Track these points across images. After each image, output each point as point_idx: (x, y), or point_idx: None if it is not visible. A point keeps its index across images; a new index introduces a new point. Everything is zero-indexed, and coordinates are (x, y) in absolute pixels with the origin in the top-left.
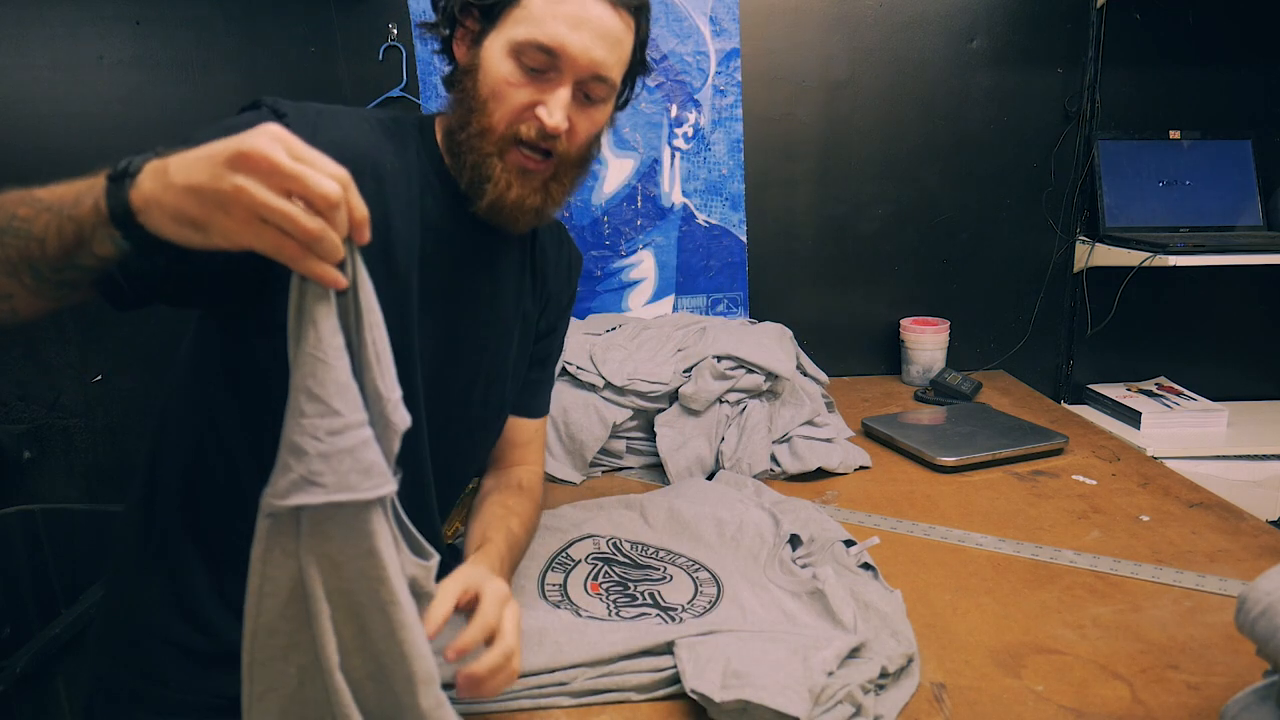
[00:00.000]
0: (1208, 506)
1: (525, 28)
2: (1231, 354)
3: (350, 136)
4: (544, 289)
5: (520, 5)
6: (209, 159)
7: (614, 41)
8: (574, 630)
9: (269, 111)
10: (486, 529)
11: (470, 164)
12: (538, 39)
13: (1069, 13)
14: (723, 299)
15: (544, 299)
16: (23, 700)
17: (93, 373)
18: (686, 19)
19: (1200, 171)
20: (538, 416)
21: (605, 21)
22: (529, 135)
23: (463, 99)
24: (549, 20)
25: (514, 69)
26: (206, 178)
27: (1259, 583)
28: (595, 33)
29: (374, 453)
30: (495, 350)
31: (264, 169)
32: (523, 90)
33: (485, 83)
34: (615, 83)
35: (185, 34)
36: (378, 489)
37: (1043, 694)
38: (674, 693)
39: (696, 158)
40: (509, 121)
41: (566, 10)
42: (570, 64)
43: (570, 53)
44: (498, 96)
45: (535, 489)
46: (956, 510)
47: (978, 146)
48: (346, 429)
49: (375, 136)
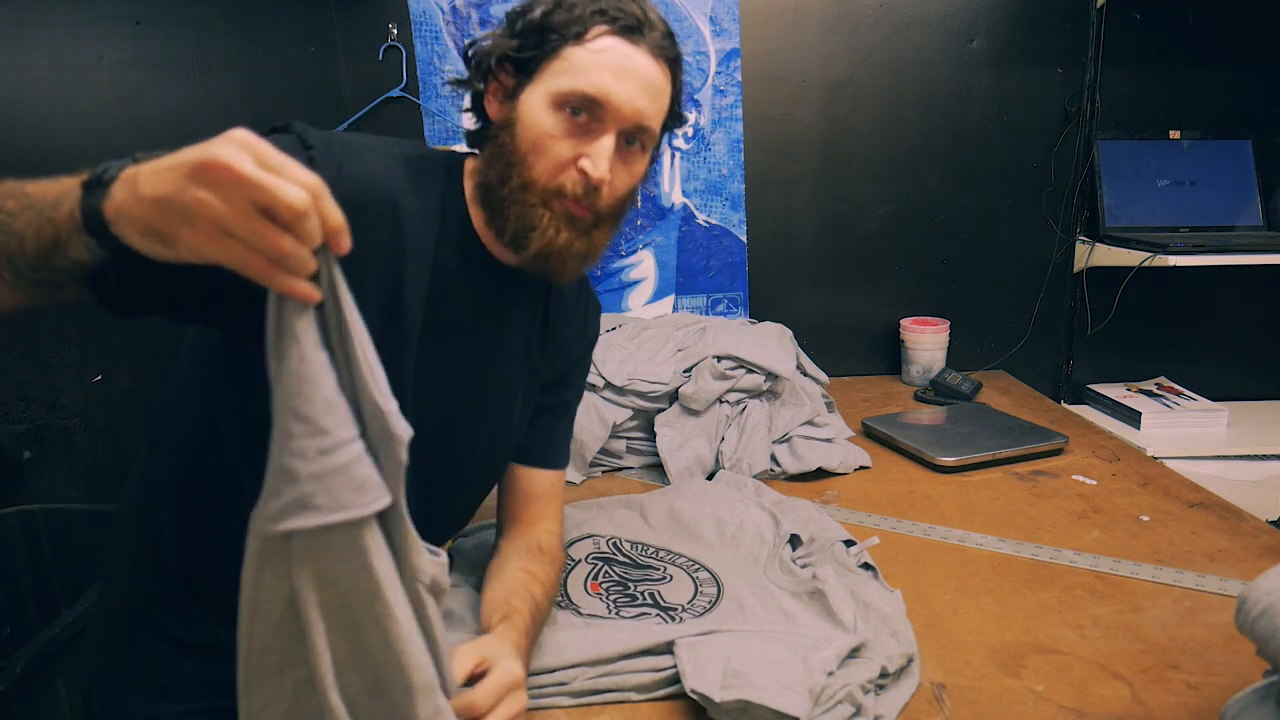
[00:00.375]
0: (1208, 506)
1: (568, 79)
2: (1231, 354)
3: (374, 174)
4: (555, 340)
5: (560, 57)
6: (174, 169)
7: (656, 91)
8: (574, 630)
9: (297, 139)
10: (510, 595)
11: (514, 215)
12: (582, 89)
13: (1069, 13)
14: (723, 299)
15: (554, 349)
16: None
17: (92, 373)
18: (686, 19)
19: (1200, 171)
20: (555, 468)
21: (648, 72)
22: (574, 189)
23: (500, 153)
24: (592, 70)
25: (556, 121)
26: (171, 189)
27: (1259, 583)
28: (639, 83)
29: (367, 467)
30: (499, 403)
31: (228, 179)
32: (565, 143)
33: (525, 136)
34: (656, 133)
35: (185, 34)
36: (373, 504)
37: (1043, 694)
38: (674, 693)
39: (696, 157)
40: (551, 174)
41: (610, 60)
42: (614, 114)
43: (614, 103)
44: (539, 150)
45: (556, 552)
46: (956, 510)
47: (978, 146)
48: (337, 446)
49: (399, 176)
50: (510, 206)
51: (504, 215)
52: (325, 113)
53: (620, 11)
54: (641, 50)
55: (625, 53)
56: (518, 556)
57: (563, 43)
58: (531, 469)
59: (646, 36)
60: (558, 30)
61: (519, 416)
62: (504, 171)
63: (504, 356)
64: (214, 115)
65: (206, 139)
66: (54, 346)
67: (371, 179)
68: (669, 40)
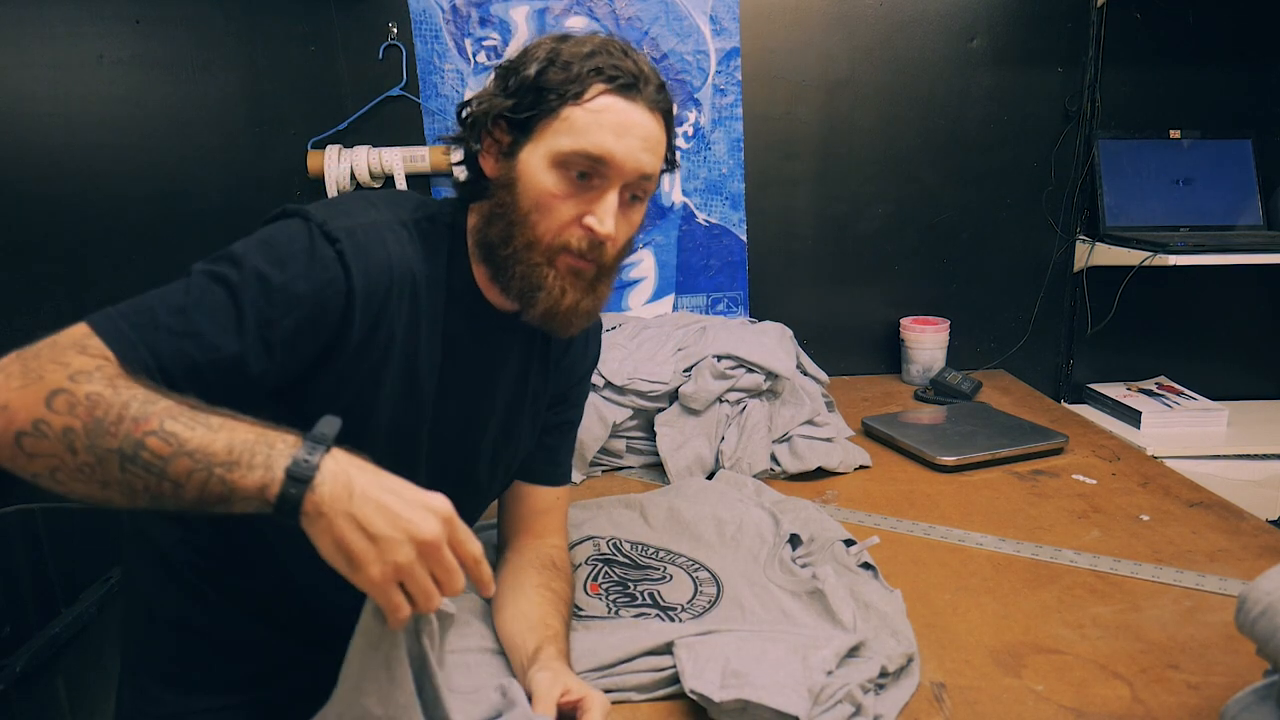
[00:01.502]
0: (1208, 506)
1: (569, 139)
2: (1231, 354)
3: (393, 255)
4: (556, 364)
5: (560, 118)
6: (392, 520)
7: (654, 144)
8: (574, 633)
9: (318, 230)
10: (545, 616)
11: (519, 274)
12: (585, 149)
13: (1069, 12)
14: (723, 298)
15: (553, 369)
16: (23, 699)
17: None
18: (686, 18)
19: (1200, 171)
20: (559, 485)
21: (646, 126)
22: (579, 246)
23: (502, 213)
24: (594, 130)
25: (558, 180)
26: (386, 534)
27: (1259, 583)
28: (639, 139)
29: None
30: (504, 435)
31: (432, 559)
32: (568, 202)
33: (527, 195)
34: (655, 182)
35: (185, 33)
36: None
37: (1043, 694)
38: (674, 692)
39: (697, 157)
40: (556, 233)
41: (610, 120)
42: (618, 171)
43: (618, 161)
44: (542, 209)
45: (567, 566)
46: (956, 510)
47: (978, 146)
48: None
49: (412, 249)
50: (514, 266)
51: (508, 274)
52: (325, 111)
53: (617, 70)
54: (639, 106)
55: (624, 110)
56: (536, 572)
57: (561, 103)
58: (538, 486)
59: (643, 92)
60: (555, 90)
61: (526, 441)
62: (506, 231)
63: (506, 393)
64: (214, 114)
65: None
66: None
67: (394, 260)
68: (662, 93)
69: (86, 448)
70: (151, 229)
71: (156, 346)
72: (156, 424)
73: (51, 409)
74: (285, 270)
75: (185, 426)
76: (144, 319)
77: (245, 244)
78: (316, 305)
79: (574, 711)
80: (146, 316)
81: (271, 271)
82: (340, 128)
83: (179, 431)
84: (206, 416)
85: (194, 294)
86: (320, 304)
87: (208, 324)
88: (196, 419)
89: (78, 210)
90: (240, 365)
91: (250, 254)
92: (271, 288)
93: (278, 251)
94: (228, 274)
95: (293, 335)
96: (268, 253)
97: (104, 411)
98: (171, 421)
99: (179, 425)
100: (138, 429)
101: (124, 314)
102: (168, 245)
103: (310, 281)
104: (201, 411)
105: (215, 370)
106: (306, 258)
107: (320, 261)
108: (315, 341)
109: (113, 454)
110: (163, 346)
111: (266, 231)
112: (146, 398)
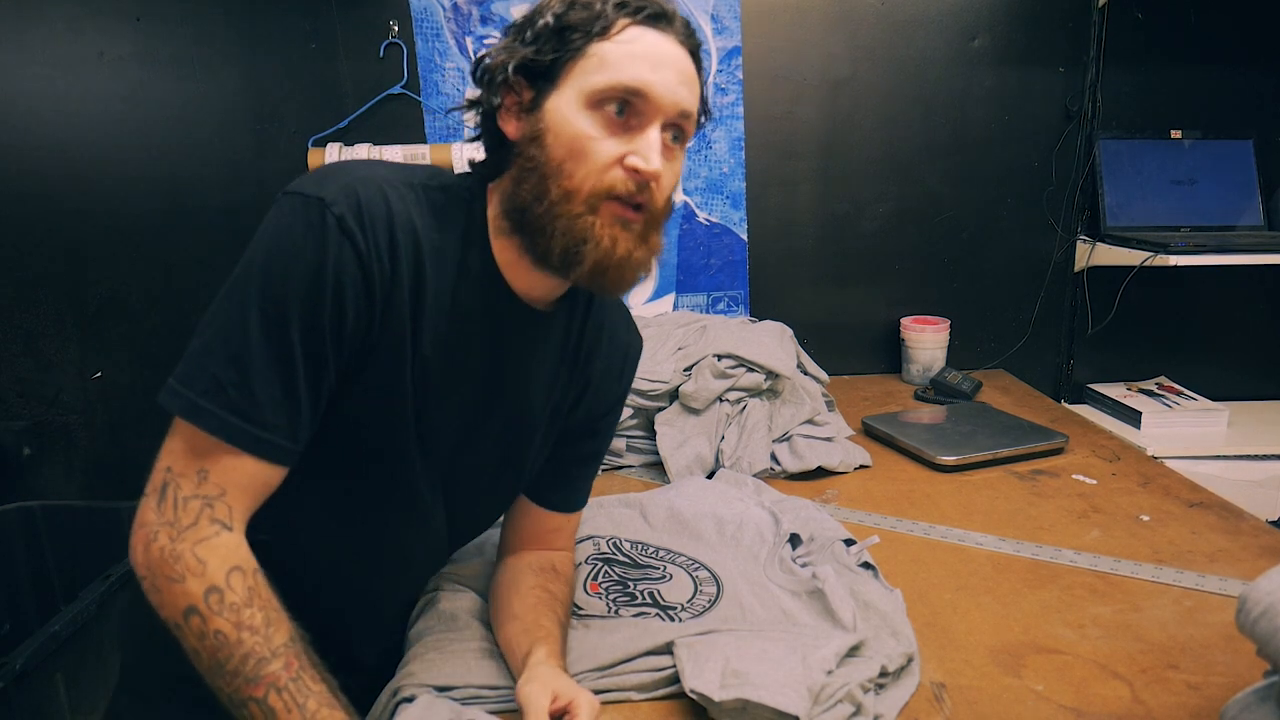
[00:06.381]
0: (1208, 506)
1: (603, 75)
2: (1231, 354)
3: (396, 210)
4: (582, 377)
5: (587, 55)
6: None
7: (690, 79)
8: (574, 633)
9: (318, 203)
10: (539, 616)
11: (560, 231)
12: (622, 82)
13: (1071, 12)
14: (723, 297)
15: (580, 388)
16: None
17: (93, 369)
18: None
19: (1201, 171)
20: (575, 511)
21: (682, 61)
22: (626, 189)
23: (531, 169)
24: (628, 63)
25: (593, 121)
26: None
27: (1259, 583)
28: (675, 71)
29: None
30: (516, 441)
31: None
32: (607, 143)
33: (559, 143)
34: (694, 122)
35: (186, 30)
36: None
37: (1043, 694)
38: (674, 692)
39: (697, 155)
40: (597, 178)
41: (643, 50)
42: (657, 105)
43: (657, 92)
44: (578, 155)
45: (569, 574)
46: (956, 510)
47: (979, 145)
48: None
49: (418, 210)
50: (554, 222)
51: (547, 233)
52: (326, 110)
53: (643, 2)
54: (670, 38)
55: (656, 41)
56: (533, 574)
57: (587, 40)
58: (551, 512)
59: (674, 24)
60: (579, 29)
61: (537, 451)
62: (539, 186)
63: (527, 395)
64: (215, 112)
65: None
66: (54, 343)
67: (394, 213)
68: (689, 30)
69: (207, 671)
70: (152, 227)
71: (249, 418)
72: (262, 693)
73: (188, 625)
74: (298, 265)
75: (285, 706)
76: (221, 396)
77: (253, 251)
78: (337, 284)
79: (564, 716)
80: (219, 390)
81: (288, 277)
82: (341, 126)
83: (277, 710)
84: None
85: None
86: (338, 280)
87: (260, 382)
88: (297, 698)
89: (78, 209)
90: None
91: (261, 264)
92: (294, 296)
93: (283, 248)
94: (253, 304)
95: (336, 323)
96: (276, 255)
97: (225, 657)
98: (275, 695)
99: (280, 702)
100: (246, 690)
101: (206, 392)
102: (168, 243)
103: (324, 265)
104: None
105: (302, 400)
106: (315, 239)
107: (329, 237)
108: (359, 314)
109: (222, 692)
110: (247, 414)
111: (268, 228)
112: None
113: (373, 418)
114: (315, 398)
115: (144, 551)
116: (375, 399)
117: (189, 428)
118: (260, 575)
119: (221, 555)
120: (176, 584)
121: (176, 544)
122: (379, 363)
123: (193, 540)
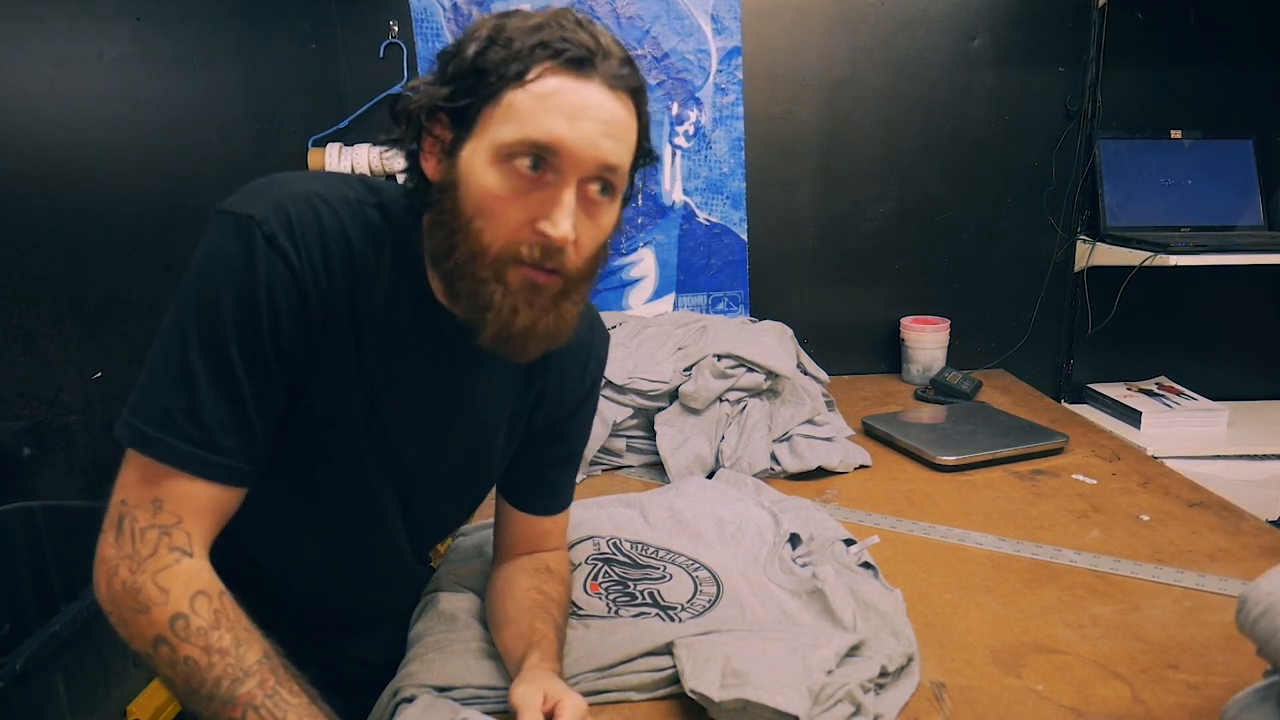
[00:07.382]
0: (1208, 506)
1: (512, 127)
2: (1231, 354)
3: (326, 222)
4: (537, 387)
5: (500, 104)
6: None
7: (619, 129)
8: (574, 633)
9: (260, 236)
10: (534, 619)
11: (466, 292)
12: (531, 137)
13: (1071, 12)
14: (723, 297)
15: (537, 396)
16: (22, 697)
17: (93, 369)
18: (688, 17)
19: (1201, 171)
20: (560, 512)
21: (606, 108)
22: (531, 256)
23: (443, 220)
24: (541, 115)
25: (502, 179)
26: None
27: (1259, 583)
28: (597, 122)
29: None
30: (474, 452)
31: None
32: (516, 204)
33: (469, 199)
34: (625, 174)
35: (186, 30)
36: None
37: (1043, 694)
38: (674, 692)
39: (697, 156)
40: (504, 243)
41: (560, 101)
42: (573, 163)
43: (571, 149)
44: (486, 214)
45: (564, 572)
46: (956, 509)
47: (979, 145)
48: None
49: (352, 225)
50: (459, 282)
51: (456, 291)
52: (326, 109)
53: (566, 42)
54: (595, 84)
55: (576, 90)
56: (527, 576)
57: (502, 85)
58: (535, 517)
59: (599, 67)
60: (494, 71)
61: (499, 460)
62: (449, 241)
63: (480, 409)
64: (215, 112)
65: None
66: (54, 343)
67: (324, 224)
68: (628, 68)
69: (183, 697)
70: (151, 227)
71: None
72: (239, 713)
73: (158, 655)
74: (231, 285)
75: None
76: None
77: (189, 273)
78: (271, 300)
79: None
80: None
81: (220, 298)
82: (341, 126)
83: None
84: (285, 712)
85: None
86: (271, 297)
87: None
88: (275, 713)
89: (78, 209)
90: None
91: (195, 287)
92: (229, 317)
93: (214, 269)
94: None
95: (275, 339)
96: (208, 276)
97: (198, 682)
98: (253, 713)
99: (258, 719)
100: (223, 712)
101: (154, 420)
102: (168, 243)
103: (256, 284)
104: (285, 696)
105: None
106: (245, 258)
107: (258, 256)
108: (297, 329)
109: (201, 716)
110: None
111: (201, 249)
112: (234, 674)
113: (324, 426)
114: (264, 415)
115: (106, 586)
116: (325, 410)
117: (140, 458)
118: (226, 597)
119: (183, 582)
120: (141, 615)
121: (137, 576)
122: (325, 374)
123: (153, 570)
